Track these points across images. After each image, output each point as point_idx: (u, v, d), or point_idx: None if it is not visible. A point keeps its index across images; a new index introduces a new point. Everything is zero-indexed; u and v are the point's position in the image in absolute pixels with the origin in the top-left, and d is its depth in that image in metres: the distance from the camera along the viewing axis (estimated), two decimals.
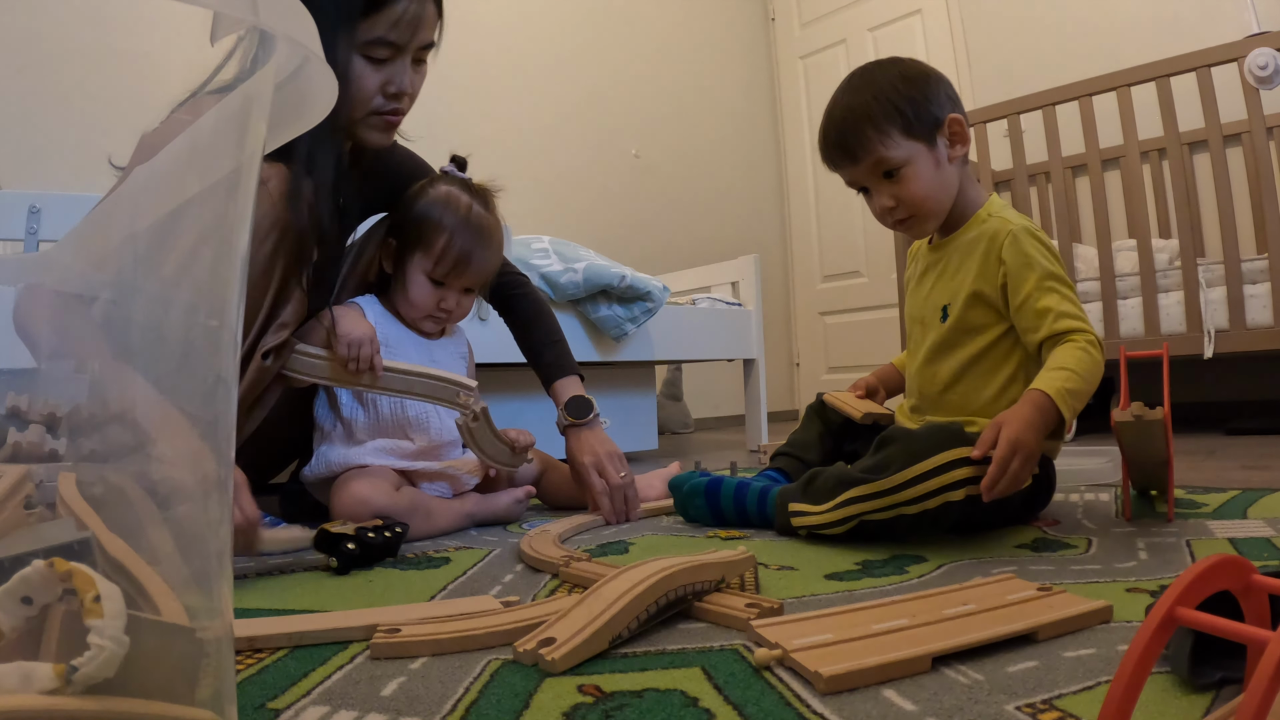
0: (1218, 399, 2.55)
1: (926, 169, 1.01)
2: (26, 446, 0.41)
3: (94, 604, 0.29)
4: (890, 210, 1.04)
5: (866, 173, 1.03)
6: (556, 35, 3.18)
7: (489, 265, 1.20)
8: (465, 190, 1.18)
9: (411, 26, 1.01)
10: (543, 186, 3.06)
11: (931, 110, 1.00)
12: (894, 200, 1.02)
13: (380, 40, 1.00)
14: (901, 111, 0.99)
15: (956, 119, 1.01)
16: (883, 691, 0.48)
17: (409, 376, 1.09)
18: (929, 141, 1.01)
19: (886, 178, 1.02)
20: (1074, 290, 0.99)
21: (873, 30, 3.69)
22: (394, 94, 1.04)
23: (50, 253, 0.37)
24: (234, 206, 0.36)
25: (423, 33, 1.03)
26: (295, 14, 0.32)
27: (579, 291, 1.87)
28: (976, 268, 1.03)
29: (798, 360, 3.99)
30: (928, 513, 0.88)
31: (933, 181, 1.01)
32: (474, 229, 1.16)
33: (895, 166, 1.00)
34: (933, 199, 1.02)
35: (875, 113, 1.00)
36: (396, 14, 0.99)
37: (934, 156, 1.01)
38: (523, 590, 0.78)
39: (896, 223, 1.05)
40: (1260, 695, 0.26)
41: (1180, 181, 2.21)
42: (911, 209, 1.03)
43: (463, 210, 1.16)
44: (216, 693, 0.35)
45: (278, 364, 1.01)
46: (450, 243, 1.14)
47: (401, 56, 1.03)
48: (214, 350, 0.36)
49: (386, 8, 0.98)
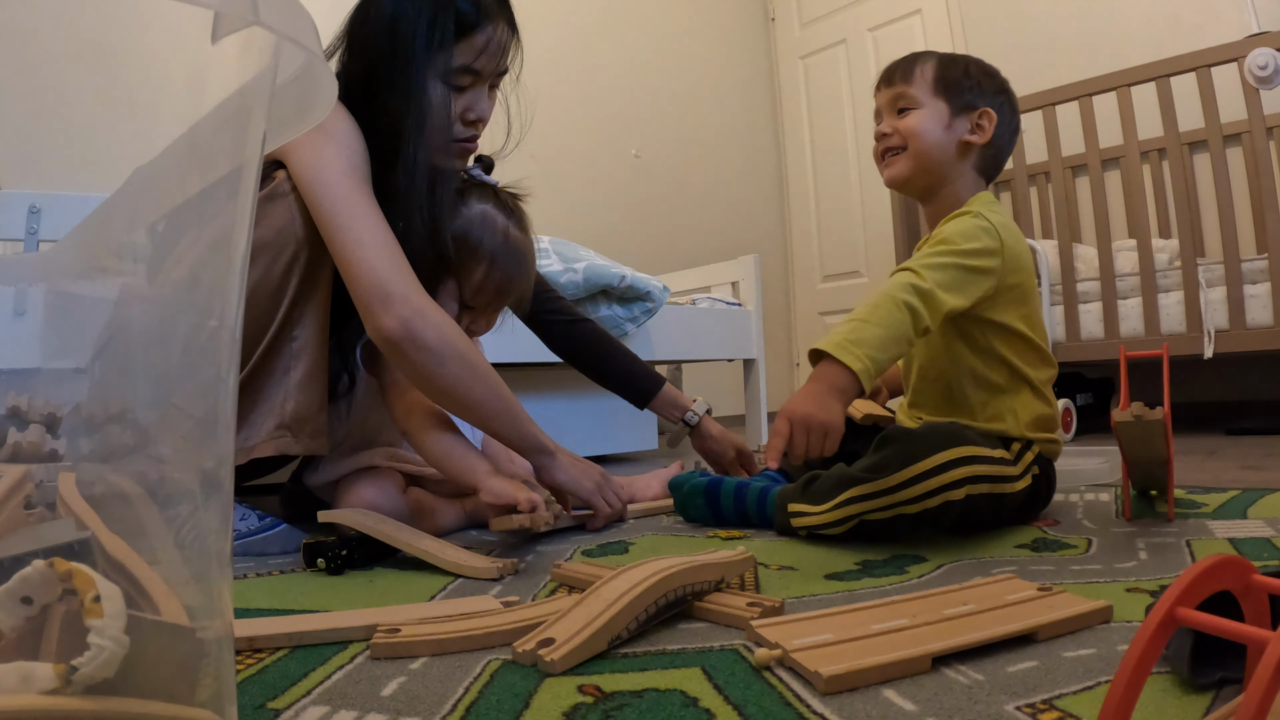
0: (1218, 399, 2.55)
1: (933, 122, 1.05)
2: (26, 446, 0.41)
3: (94, 604, 0.29)
4: (884, 136, 1.09)
5: (888, 101, 1.09)
6: (556, 35, 3.18)
7: (525, 290, 1.16)
8: (500, 208, 1.12)
9: (496, 55, 1.01)
10: (542, 186, 3.05)
11: (973, 93, 1.06)
12: (891, 129, 1.08)
13: (465, 68, 1.00)
14: (952, 76, 1.06)
15: (987, 112, 1.05)
16: (883, 691, 0.48)
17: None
18: (953, 109, 1.05)
19: (900, 114, 1.07)
20: (966, 260, 0.95)
21: (873, 30, 3.69)
22: (473, 121, 1.03)
23: (50, 253, 0.37)
24: (234, 206, 0.36)
25: (504, 60, 1.03)
26: (295, 14, 0.32)
27: (579, 291, 1.87)
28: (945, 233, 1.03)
29: (798, 360, 3.99)
30: (928, 512, 0.88)
31: (932, 133, 1.05)
32: (514, 255, 1.10)
33: (909, 106, 1.06)
34: (923, 143, 1.05)
35: (934, 61, 1.07)
36: (483, 42, 0.99)
37: (946, 120, 1.05)
38: (522, 590, 0.78)
39: (884, 151, 1.09)
40: (1260, 695, 0.26)
41: (1180, 181, 2.21)
42: (900, 144, 1.07)
43: (500, 234, 1.09)
44: (216, 693, 0.35)
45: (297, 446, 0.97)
46: (490, 272, 1.09)
47: (481, 84, 1.03)
48: (214, 350, 0.36)
49: (471, 36, 0.98)
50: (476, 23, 0.99)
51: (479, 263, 1.08)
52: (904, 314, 0.90)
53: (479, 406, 0.98)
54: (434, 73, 0.98)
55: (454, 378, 0.95)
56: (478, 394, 0.97)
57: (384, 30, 0.99)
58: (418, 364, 0.93)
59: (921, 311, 0.91)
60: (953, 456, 0.88)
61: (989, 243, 0.97)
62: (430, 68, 0.97)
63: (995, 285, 0.98)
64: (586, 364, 1.38)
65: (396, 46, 0.97)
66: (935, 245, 0.99)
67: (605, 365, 1.37)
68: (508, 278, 1.10)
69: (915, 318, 0.91)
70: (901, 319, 0.90)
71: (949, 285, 0.94)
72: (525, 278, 1.14)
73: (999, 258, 0.98)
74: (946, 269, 0.95)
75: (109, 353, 0.38)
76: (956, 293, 0.94)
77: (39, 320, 0.39)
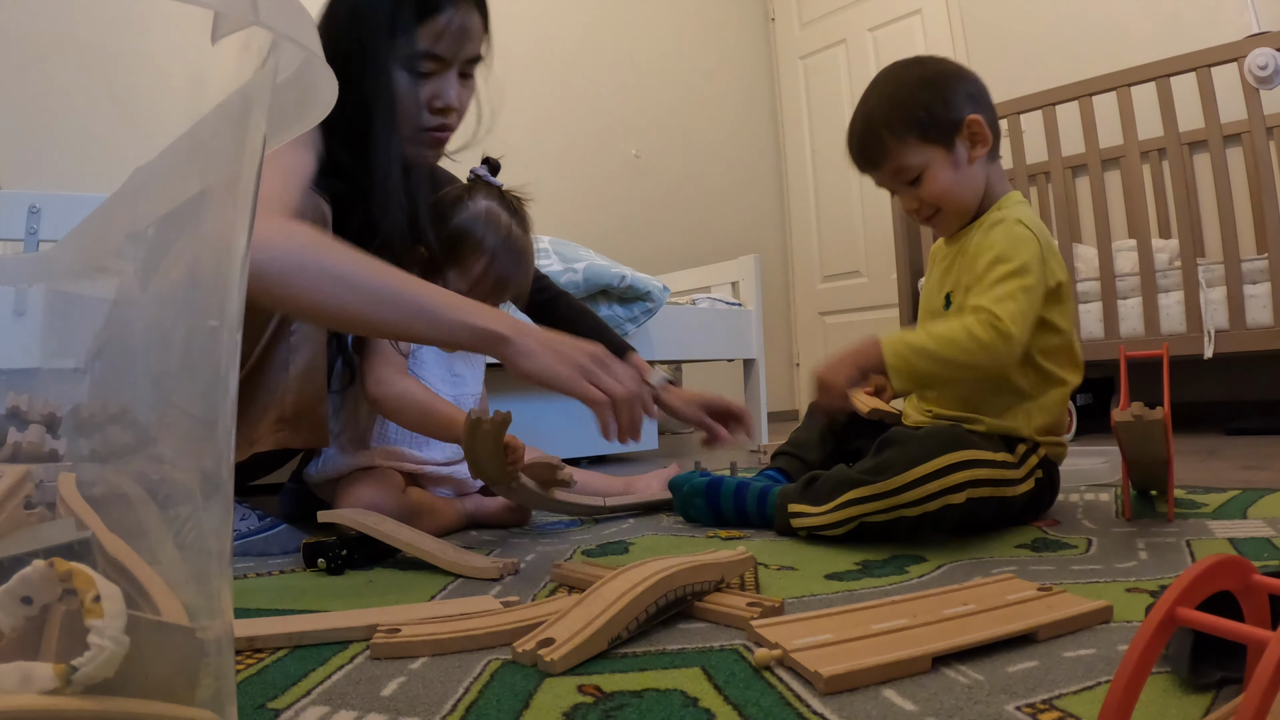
0: (1218, 399, 2.55)
1: (945, 172, 1.02)
2: (26, 446, 0.41)
3: (94, 604, 0.29)
4: (915, 210, 1.06)
5: (889, 178, 1.05)
6: (556, 36, 3.18)
7: (524, 287, 1.18)
8: (504, 207, 1.14)
9: (457, 38, 0.99)
10: (543, 186, 3.04)
11: (949, 114, 1.01)
12: (917, 201, 1.05)
13: (426, 53, 0.98)
14: (918, 118, 1.00)
15: (976, 120, 1.01)
16: (883, 691, 0.48)
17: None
18: (947, 145, 1.01)
19: (911, 185, 1.04)
20: (1026, 278, 0.96)
21: (873, 30, 3.69)
22: (441, 109, 1.01)
23: (50, 253, 0.37)
24: (234, 206, 0.36)
25: (469, 45, 1.01)
26: (295, 14, 0.32)
27: (579, 292, 1.88)
28: (987, 249, 1.03)
29: (798, 360, 3.99)
30: (928, 515, 0.88)
31: (953, 182, 1.02)
32: (514, 253, 1.13)
33: (914, 174, 1.02)
34: (954, 197, 1.03)
35: (892, 121, 1.01)
36: (441, 26, 0.97)
37: (953, 158, 1.01)
38: (523, 590, 0.78)
39: (924, 220, 1.07)
40: (1260, 695, 0.26)
41: (1180, 181, 2.21)
42: (934, 208, 1.05)
43: (503, 231, 1.12)
44: (216, 693, 0.35)
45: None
46: (490, 267, 1.11)
47: (448, 70, 1.00)
48: (214, 350, 0.36)
49: (431, 19, 0.96)
50: (437, 6, 0.97)
51: (479, 257, 1.10)
52: (970, 341, 0.92)
53: (362, 315, 0.81)
54: (398, 60, 0.96)
55: (316, 293, 0.78)
56: (353, 304, 0.79)
57: (347, 19, 0.98)
58: (268, 294, 0.77)
59: (997, 347, 0.92)
60: (954, 460, 0.88)
61: (1035, 251, 0.97)
62: (393, 54, 0.95)
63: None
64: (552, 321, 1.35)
65: (360, 35, 0.97)
66: (990, 266, 0.97)
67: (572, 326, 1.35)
68: (506, 274, 1.12)
69: (985, 350, 0.92)
70: (963, 342, 0.93)
71: (1022, 316, 0.94)
72: (523, 275, 1.16)
73: (1043, 264, 0.98)
74: (1016, 298, 0.94)
75: (109, 353, 0.38)
76: (1026, 321, 0.95)
77: (39, 320, 0.39)
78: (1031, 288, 0.95)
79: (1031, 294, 0.95)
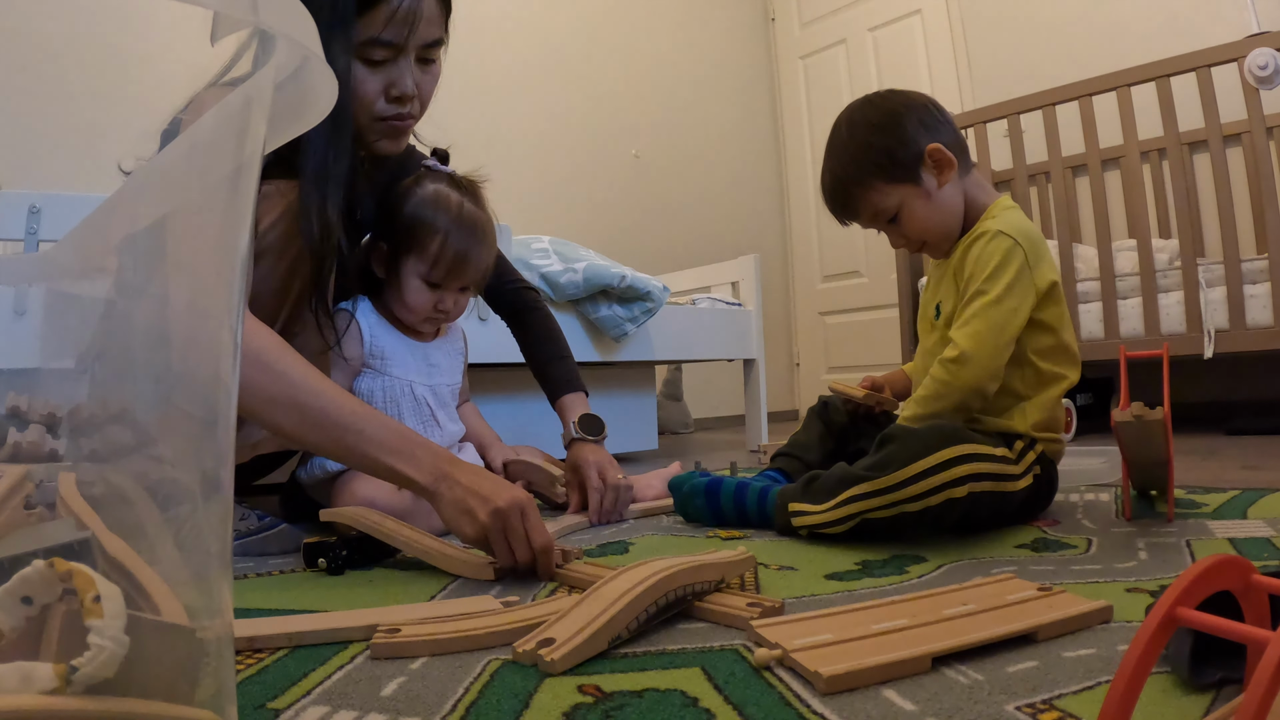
0: (1218, 399, 2.55)
1: (920, 206, 1.05)
2: (26, 446, 0.41)
3: (94, 604, 0.29)
4: (904, 245, 1.10)
5: (869, 222, 1.10)
6: (556, 36, 3.18)
7: (485, 262, 1.18)
8: (454, 187, 1.15)
9: (407, 23, 0.94)
10: (543, 186, 3.06)
11: (908, 150, 1.03)
12: (902, 238, 1.09)
13: (376, 40, 0.93)
14: (879, 164, 1.04)
15: (935, 148, 1.03)
16: (883, 691, 0.48)
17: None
18: (914, 180, 1.04)
19: (889, 222, 1.07)
20: (990, 295, 0.99)
21: (873, 30, 3.69)
22: (397, 97, 0.98)
23: (50, 253, 0.37)
24: (234, 206, 0.36)
25: (423, 29, 0.96)
26: (295, 14, 0.32)
27: (579, 292, 1.87)
28: (965, 268, 1.05)
29: (798, 360, 3.99)
30: (930, 510, 0.88)
31: (929, 213, 1.05)
32: (467, 227, 1.13)
33: (891, 214, 1.06)
34: (935, 228, 1.07)
35: (857, 174, 1.06)
36: (388, 12, 0.92)
37: (923, 190, 1.05)
38: (522, 590, 0.78)
39: (915, 251, 1.11)
40: (1260, 695, 0.26)
41: (1180, 181, 2.21)
42: (920, 240, 1.08)
43: (454, 209, 1.13)
44: (216, 693, 0.35)
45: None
46: (445, 244, 1.12)
47: (403, 57, 0.96)
48: (214, 350, 0.36)
49: (375, 7, 0.92)
50: None
51: (434, 237, 1.12)
52: (938, 386, 1.00)
53: (297, 435, 0.84)
54: (348, 49, 0.92)
55: (259, 409, 0.82)
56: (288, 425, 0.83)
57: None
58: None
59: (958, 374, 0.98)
60: (954, 454, 0.88)
61: (1018, 261, 0.99)
62: (342, 44, 0.91)
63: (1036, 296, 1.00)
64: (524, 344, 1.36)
65: None
66: (973, 296, 1.00)
67: (534, 350, 1.34)
68: (464, 248, 1.13)
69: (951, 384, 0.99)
70: (935, 390, 1.00)
71: (980, 335, 0.98)
72: (482, 247, 1.16)
73: (1028, 271, 0.99)
74: (979, 316, 0.99)
75: (109, 353, 0.38)
76: (988, 336, 0.98)
77: (39, 320, 0.39)
78: (1000, 299, 0.98)
79: (1000, 306, 0.98)
